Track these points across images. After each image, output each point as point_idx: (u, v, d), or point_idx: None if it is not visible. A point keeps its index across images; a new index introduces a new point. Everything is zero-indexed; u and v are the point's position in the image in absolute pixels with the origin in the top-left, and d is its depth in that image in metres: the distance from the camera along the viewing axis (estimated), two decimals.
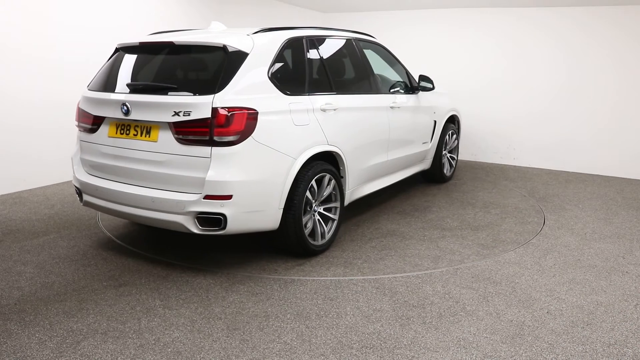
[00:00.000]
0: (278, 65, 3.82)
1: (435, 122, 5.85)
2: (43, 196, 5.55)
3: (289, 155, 3.67)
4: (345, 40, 4.79)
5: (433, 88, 5.63)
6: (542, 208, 5.45)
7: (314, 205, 3.98)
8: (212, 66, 3.65)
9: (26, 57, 5.55)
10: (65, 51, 5.83)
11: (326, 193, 4.08)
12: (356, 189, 4.54)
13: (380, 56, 5.40)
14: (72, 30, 5.90)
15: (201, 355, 2.71)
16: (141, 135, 3.62)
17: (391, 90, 5.27)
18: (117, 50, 4.13)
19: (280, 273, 3.74)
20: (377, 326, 3.01)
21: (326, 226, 4.12)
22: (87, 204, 4.00)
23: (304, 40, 4.15)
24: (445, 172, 6.32)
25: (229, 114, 3.36)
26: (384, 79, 5.52)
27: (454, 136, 6.43)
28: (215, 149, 3.37)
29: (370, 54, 5.15)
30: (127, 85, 3.83)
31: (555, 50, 7.31)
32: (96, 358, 2.67)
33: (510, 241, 4.34)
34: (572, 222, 5.02)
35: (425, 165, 5.94)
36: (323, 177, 4.00)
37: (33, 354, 2.69)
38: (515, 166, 7.63)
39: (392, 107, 4.95)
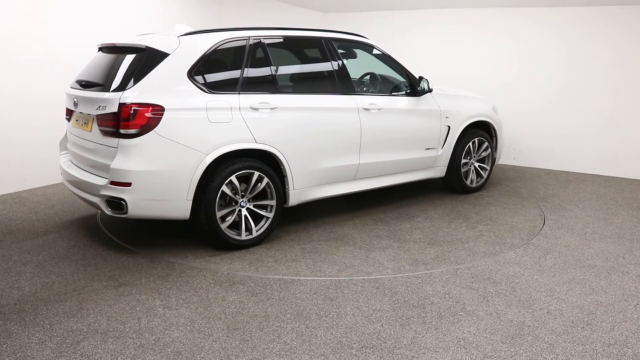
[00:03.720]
0: (203, 64, 4.01)
1: (449, 127, 5.50)
2: (43, 196, 5.55)
3: (197, 150, 3.84)
4: (312, 40, 4.74)
5: (429, 90, 5.36)
6: (542, 208, 5.45)
7: (240, 200, 4.10)
8: (134, 65, 3.95)
9: (26, 58, 5.55)
10: (67, 52, 5.83)
11: (258, 190, 4.17)
12: (309, 189, 4.51)
13: (374, 57, 5.24)
14: (74, 32, 5.91)
15: (201, 355, 2.71)
16: (84, 126, 4.16)
17: (392, 93, 5.24)
18: (98, 50, 4.52)
19: (189, 259, 3.94)
20: (377, 326, 3.02)
21: (257, 223, 4.21)
22: (64, 183, 4.52)
23: (247, 41, 4.25)
24: (469, 182, 5.85)
25: (132, 109, 3.69)
26: (370, 81, 5.43)
27: (484, 144, 5.89)
28: (121, 141, 3.75)
29: (358, 55, 5.09)
30: (77, 81, 4.34)
31: (556, 50, 7.31)
32: (96, 358, 2.67)
33: (452, 260, 3.99)
34: (572, 222, 5.02)
35: (436, 173, 5.59)
36: (251, 174, 4.10)
37: (33, 354, 2.69)
38: (515, 166, 7.63)
39: (367, 109, 4.76)
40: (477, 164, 5.96)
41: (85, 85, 4.19)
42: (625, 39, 6.84)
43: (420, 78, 5.29)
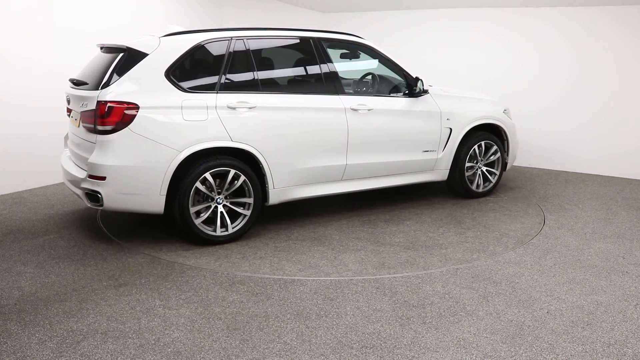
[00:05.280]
0: (182, 64, 4.16)
1: (450, 129, 5.33)
2: (43, 196, 5.55)
3: (170, 147, 3.97)
4: (298, 40, 4.72)
5: (424, 91, 5.21)
6: (542, 208, 5.45)
7: (216, 197, 4.20)
8: (116, 65, 4.10)
9: (27, 59, 5.55)
10: (67, 52, 5.84)
11: (235, 188, 4.24)
12: (291, 189, 4.52)
13: (369, 57, 5.18)
14: (75, 33, 5.92)
15: (201, 355, 2.71)
16: (75, 122, 4.37)
17: (391, 94, 5.21)
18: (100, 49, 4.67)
19: (163, 253, 4.05)
20: (377, 326, 3.02)
21: (234, 220, 4.29)
22: (64, 180, 4.64)
23: (228, 42, 4.33)
24: (474, 187, 5.64)
25: (108, 107, 3.87)
26: (369, 81, 5.40)
27: (493, 148, 5.66)
28: (99, 137, 3.95)
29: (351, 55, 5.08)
30: (69, 80, 4.49)
31: (556, 50, 7.31)
32: (96, 358, 2.67)
33: (420, 266, 3.89)
34: (572, 222, 5.01)
35: (437, 176, 5.41)
36: (227, 171, 4.17)
37: (33, 354, 2.69)
38: (515, 166, 7.63)
39: (355, 110, 4.71)
40: (485, 168, 5.73)
41: (76, 83, 4.36)
42: (626, 39, 6.84)
43: (417, 79, 5.14)
